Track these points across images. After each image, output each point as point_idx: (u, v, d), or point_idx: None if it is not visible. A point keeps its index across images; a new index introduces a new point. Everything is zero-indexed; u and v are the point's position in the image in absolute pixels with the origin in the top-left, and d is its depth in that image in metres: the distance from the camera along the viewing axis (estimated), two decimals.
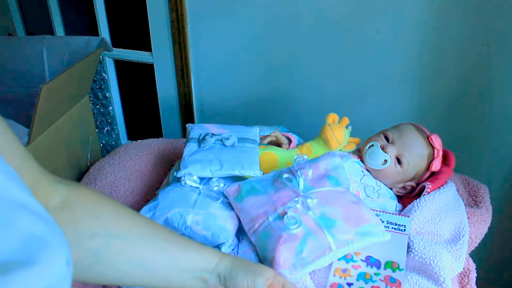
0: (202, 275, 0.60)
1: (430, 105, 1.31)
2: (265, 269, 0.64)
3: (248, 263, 0.64)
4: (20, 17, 1.90)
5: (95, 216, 0.52)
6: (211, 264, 0.61)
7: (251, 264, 0.64)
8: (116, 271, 0.54)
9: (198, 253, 0.61)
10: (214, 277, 0.60)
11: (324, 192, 0.83)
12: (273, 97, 1.49)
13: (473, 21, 1.16)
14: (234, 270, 0.60)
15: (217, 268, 0.61)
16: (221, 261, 0.61)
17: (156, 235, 0.58)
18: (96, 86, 1.76)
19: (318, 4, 1.28)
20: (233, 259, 0.63)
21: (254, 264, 0.65)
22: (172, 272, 0.58)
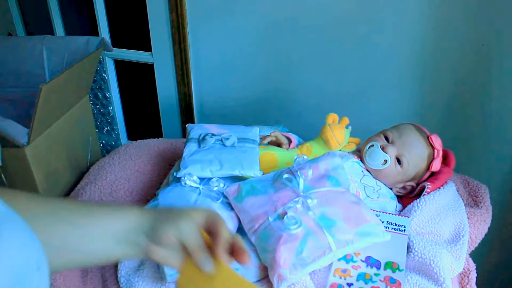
0: (126, 238, 0.52)
1: (430, 105, 1.31)
2: (191, 210, 0.54)
3: (172, 210, 0.54)
4: (20, 17, 1.90)
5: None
6: (131, 224, 0.52)
7: (175, 210, 0.54)
8: None
9: (112, 215, 0.53)
10: (142, 237, 0.52)
11: (324, 192, 0.83)
12: (273, 97, 1.49)
13: (473, 21, 1.16)
14: (157, 223, 0.52)
15: (142, 226, 0.52)
16: (143, 218, 0.53)
17: (58, 208, 0.51)
18: (96, 86, 1.76)
19: (318, 4, 1.28)
20: (156, 211, 0.54)
21: (179, 209, 0.54)
22: (88, 244, 0.51)
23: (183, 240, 0.51)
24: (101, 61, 1.68)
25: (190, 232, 0.51)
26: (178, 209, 0.54)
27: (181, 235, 0.51)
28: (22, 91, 1.56)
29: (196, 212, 0.54)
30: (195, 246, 0.51)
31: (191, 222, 0.52)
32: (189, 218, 0.52)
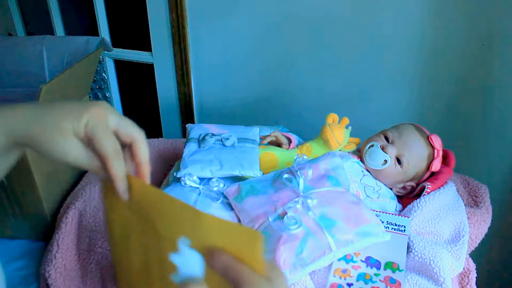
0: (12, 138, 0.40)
1: (430, 105, 1.31)
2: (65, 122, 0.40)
3: (46, 134, 0.40)
4: (20, 17, 1.90)
5: None
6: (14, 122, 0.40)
7: (50, 135, 0.40)
8: None
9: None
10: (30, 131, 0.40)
11: (324, 192, 0.83)
12: (273, 97, 1.49)
13: (473, 21, 1.16)
14: (33, 147, 0.41)
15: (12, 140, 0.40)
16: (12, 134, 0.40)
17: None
18: (96, 86, 1.76)
19: (318, 4, 1.28)
20: (27, 129, 0.40)
21: (54, 132, 0.40)
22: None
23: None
24: (101, 61, 1.68)
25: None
26: (50, 130, 0.40)
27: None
28: (22, 91, 1.56)
29: (71, 122, 0.40)
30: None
31: (76, 152, 0.41)
32: (71, 149, 0.41)
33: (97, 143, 0.41)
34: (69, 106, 0.42)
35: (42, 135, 0.40)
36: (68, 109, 0.41)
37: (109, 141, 0.41)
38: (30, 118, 0.41)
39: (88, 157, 0.41)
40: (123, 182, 0.42)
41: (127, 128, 0.44)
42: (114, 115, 0.43)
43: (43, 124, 0.40)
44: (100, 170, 0.42)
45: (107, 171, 0.41)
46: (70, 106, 0.42)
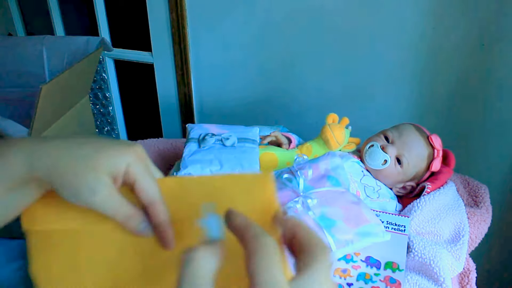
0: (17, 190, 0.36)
1: (430, 105, 1.31)
2: (106, 163, 0.36)
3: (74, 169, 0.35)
4: (20, 17, 1.90)
5: None
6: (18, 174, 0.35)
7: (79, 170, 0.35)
8: None
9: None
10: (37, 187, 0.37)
11: (324, 192, 0.83)
12: (273, 97, 1.49)
13: (473, 21, 1.16)
14: (59, 189, 0.36)
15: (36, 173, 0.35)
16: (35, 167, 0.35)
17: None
18: (96, 86, 1.76)
19: (318, 4, 1.28)
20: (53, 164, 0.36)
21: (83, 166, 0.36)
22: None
23: (103, 213, 0.37)
24: (101, 61, 1.68)
25: (108, 206, 0.37)
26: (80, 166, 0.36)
27: (98, 209, 0.36)
28: (22, 91, 1.56)
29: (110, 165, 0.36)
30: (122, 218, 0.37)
31: (107, 193, 0.36)
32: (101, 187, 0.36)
33: (141, 186, 0.37)
34: (106, 142, 0.38)
35: (71, 168, 0.35)
36: (105, 144, 0.37)
37: (156, 185, 0.38)
38: (60, 148, 0.36)
39: (117, 201, 0.37)
40: (170, 229, 0.38)
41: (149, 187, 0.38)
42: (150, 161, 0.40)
43: (75, 156, 0.36)
44: (126, 219, 0.37)
45: (153, 217, 0.37)
46: (107, 142, 0.38)
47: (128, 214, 0.37)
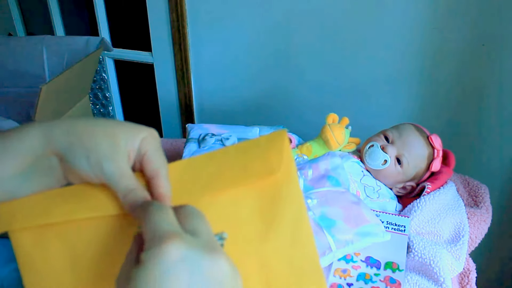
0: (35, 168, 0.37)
1: (430, 105, 1.31)
2: (123, 136, 0.38)
3: (92, 134, 0.37)
4: (20, 17, 1.90)
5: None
6: (36, 147, 0.36)
7: (97, 136, 0.37)
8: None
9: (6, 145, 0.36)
10: (54, 160, 0.37)
11: (324, 192, 0.83)
12: (273, 97, 1.49)
13: (473, 21, 1.16)
14: (71, 154, 0.36)
15: (49, 144, 0.36)
16: (49, 136, 0.36)
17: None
18: (96, 86, 1.76)
19: (318, 4, 1.28)
20: (69, 131, 0.37)
21: (102, 134, 0.37)
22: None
23: (107, 183, 0.37)
24: (101, 61, 1.68)
25: (116, 174, 0.37)
26: (98, 131, 0.37)
27: (104, 176, 0.37)
28: (22, 91, 1.56)
29: (128, 138, 0.38)
30: (123, 190, 0.37)
31: (119, 161, 0.37)
32: (115, 155, 0.37)
33: (150, 158, 0.38)
34: (124, 121, 0.40)
35: (88, 130, 0.37)
36: (123, 122, 0.40)
37: (164, 161, 0.39)
38: (78, 119, 0.38)
39: (127, 172, 0.37)
40: (170, 201, 0.38)
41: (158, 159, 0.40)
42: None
43: (93, 123, 0.38)
44: (128, 191, 0.37)
45: (154, 188, 0.38)
46: (125, 121, 0.40)
47: (132, 187, 0.37)
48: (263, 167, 0.38)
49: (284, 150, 0.38)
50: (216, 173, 0.38)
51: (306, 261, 0.40)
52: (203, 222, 0.34)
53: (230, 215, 0.38)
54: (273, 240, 0.39)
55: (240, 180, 0.38)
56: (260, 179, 0.38)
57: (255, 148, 0.39)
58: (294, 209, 0.39)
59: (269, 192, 0.39)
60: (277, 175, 0.38)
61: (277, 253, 0.39)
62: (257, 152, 0.39)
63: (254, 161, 0.39)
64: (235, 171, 0.38)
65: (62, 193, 0.38)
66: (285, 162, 0.38)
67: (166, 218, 0.32)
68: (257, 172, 0.38)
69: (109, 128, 0.38)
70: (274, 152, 0.39)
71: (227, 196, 0.38)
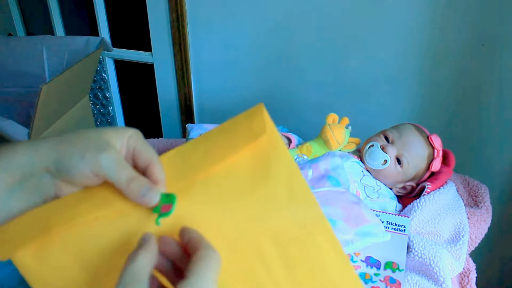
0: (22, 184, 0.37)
1: (430, 105, 1.31)
2: (112, 135, 0.39)
3: (79, 135, 0.39)
4: (20, 17, 1.90)
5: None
6: (24, 164, 0.37)
7: (85, 134, 0.39)
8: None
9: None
10: (46, 178, 0.38)
11: (324, 192, 0.83)
12: (273, 97, 1.49)
13: (473, 21, 1.16)
14: (65, 158, 0.37)
15: (40, 163, 0.37)
16: (38, 152, 0.37)
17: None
18: (96, 86, 1.76)
19: (319, 4, 1.28)
20: (56, 140, 0.38)
21: (90, 133, 0.39)
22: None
23: (107, 176, 0.38)
24: (101, 61, 1.68)
25: (114, 165, 0.38)
26: (88, 134, 0.39)
27: (102, 170, 0.37)
28: (22, 91, 1.56)
29: (119, 137, 0.40)
30: (125, 180, 0.38)
31: (113, 154, 0.38)
32: (109, 148, 0.38)
33: (140, 149, 0.40)
34: (107, 127, 0.43)
35: (79, 135, 0.39)
36: (107, 127, 0.42)
37: (153, 150, 0.41)
38: (64, 134, 0.40)
39: (123, 162, 0.38)
40: (165, 186, 0.39)
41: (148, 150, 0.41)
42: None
43: (81, 132, 0.39)
44: (129, 181, 0.38)
45: (149, 176, 0.39)
46: (108, 126, 0.43)
47: (132, 175, 0.38)
48: (247, 134, 0.40)
49: (264, 116, 0.41)
50: (205, 153, 0.40)
51: (307, 213, 0.42)
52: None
53: (225, 188, 0.39)
54: (270, 201, 0.40)
55: (229, 151, 0.40)
56: (246, 146, 0.40)
57: (236, 123, 0.41)
58: (285, 168, 0.41)
59: (257, 156, 0.41)
60: (261, 139, 0.40)
61: (276, 212, 0.41)
62: (239, 125, 0.41)
63: (238, 133, 0.40)
64: (222, 146, 0.40)
65: (58, 204, 0.38)
66: (267, 126, 0.40)
67: (215, 279, 0.35)
68: (242, 140, 0.40)
69: (97, 131, 0.40)
70: (255, 120, 0.41)
71: (220, 170, 0.40)
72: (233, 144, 0.40)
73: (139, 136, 0.41)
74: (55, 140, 0.38)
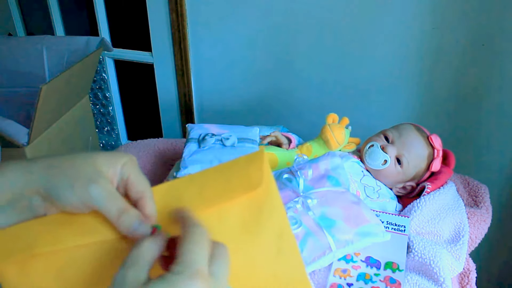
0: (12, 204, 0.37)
1: (429, 105, 1.31)
2: (104, 163, 0.38)
3: (72, 162, 0.38)
4: (20, 17, 1.90)
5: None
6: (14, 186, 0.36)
7: (76, 162, 0.38)
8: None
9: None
10: (36, 199, 0.37)
11: (324, 192, 0.83)
12: (273, 97, 1.49)
13: (473, 21, 1.16)
14: (55, 186, 0.36)
15: (29, 183, 0.37)
16: (29, 175, 0.37)
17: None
18: (96, 86, 1.76)
19: (318, 4, 1.28)
20: (47, 164, 0.37)
21: (80, 159, 0.38)
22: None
23: (97, 208, 0.37)
24: (101, 61, 1.68)
25: (104, 197, 0.37)
26: (79, 160, 0.38)
27: (92, 201, 0.37)
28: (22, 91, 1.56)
29: (109, 164, 0.38)
30: (115, 213, 0.37)
31: (103, 185, 0.37)
32: (99, 178, 0.37)
33: (134, 180, 0.39)
34: (101, 151, 0.41)
35: (68, 162, 0.37)
36: (100, 151, 0.41)
37: (147, 182, 0.40)
38: (55, 156, 0.39)
39: (114, 194, 0.38)
40: (155, 222, 0.39)
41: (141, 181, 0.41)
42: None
43: (72, 157, 0.38)
44: (120, 213, 0.37)
45: (142, 208, 0.38)
46: (102, 151, 0.41)
47: (123, 208, 0.37)
48: (245, 183, 0.40)
49: (264, 166, 0.40)
50: (199, 192, 0.39)
51: (292, 272, 0.41)
52: (226, 266, 0.36)
53: (214, 231, 0.38)
54: (258, 254, 0.40)
55: (223, 197, 0.39)
56: (242, 195, 0.40)
57: (234, 167, 0.40)
58: (277, 222, 0.41)
59: (251, 207, 0.40)
60: (258, 190, 0.40)
61: (263, 266, 0.40)
62: (237, 170, 0.40)
63: (235, 179, 0.40)
64: (217, 189, 0.39)
65: (46, 222, 0.37)
66: (265, 178, 0.40)
67: (203, 253, 0.34)
68: (239, 188, 0.40)
69: (88, 157, 0.38)
70: (254, 168, 0.40)
71: (211, 213, 0.39)
72: (229, 189, 0.39)
73: (133, 164, 0.40)
74: (46, 162, 0.37)
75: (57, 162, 0.38)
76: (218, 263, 0.35)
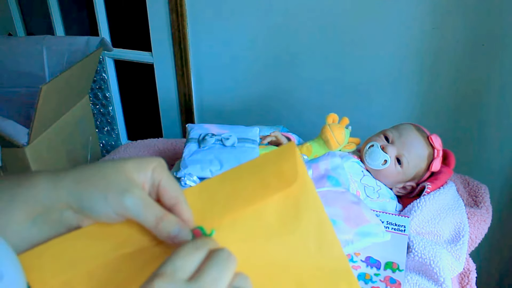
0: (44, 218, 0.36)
1: (430, 105, 1.31)
2: (134, 170, 0.37)
3: (101, 174, 0.37)
4: (20, 17, 1.90)
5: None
6: (44, 200, 0.36)
7: (107, 173, 0.37)
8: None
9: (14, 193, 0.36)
10: (68, 213, 0.36)
11: (324, 192, 0.83)
12: (273, 97, 1.49)
13: (473, 21, 1.16)
14: (86, 199, 0.36)
15: (59, 198, 0.36)
16: (58, 188, 0.36)
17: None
18: (96, 86, 1.76)
19: (318, 4, 1.28)
20: (78, 178, 0.36)
21: (111, 170, 0.37)
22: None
23: (133, 217, 0.36)
24: (101, 61, 1.68)
25: (140, 206, 0.36)
26: (108, 169, 0.37)
27: (128, 212, 0.36)
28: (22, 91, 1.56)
29: (139, 171, 0.37)
30: (153, 221, 0.36)
31: (137, 195, 0.36)
32: (133, 188, 0.36)
33: (166, 186, 0.38)
34: (129, 157, 0.40)
35: (99, 172, 0.37)
36: (128, 158, 0.40)
37: (177, 184, 0.39)
38: (83, 167, 0.38)
39: (149, 201, 0.37)
40: (192, 226, 0.38)
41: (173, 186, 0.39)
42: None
43: (101, 166, 0.37)
44: (158, 220, 0.36)
45: (178, 214, 0.38)
46: (130, 157, 0.40)
47: (160, 215, 0.36)
48: (279, 180, 0.39)
49: (297, 161, 0.39)
50: (233, 192, 0.39)
51: (335, 263, 0.41)
52: (219, 271, 0.34)
53: (253, 230, 0.38)
54: (300, 248, 0.40)
55: (258, 196, 0.39)
56: (278, 192, 0.39)
57: (267, 163, 0.40)
58: (314, 215, 0.40)
59: (288, 203, 0.40)
60: (294, 186, 0.39)
61: (306, 259, 0.40)
62: (270, 167, 0.40)
63: (269, 176, 0.39)
64: (251, 188, 0.39)
65: (81, 235, 0.37)
66: (300, 173, 0.39)
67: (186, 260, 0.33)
68: (274, 185, 0.39)
69: (118, 165, 0.37)
70: (287, 164, 0.40)
71: (248, 213, 0.39)
72: (263, 186, 0.39)
73: (163, 168, 0.39)
74: (74, 176, 0.36)
75: (85, 175, 0.37)
76: (207, 268, 0.33)
